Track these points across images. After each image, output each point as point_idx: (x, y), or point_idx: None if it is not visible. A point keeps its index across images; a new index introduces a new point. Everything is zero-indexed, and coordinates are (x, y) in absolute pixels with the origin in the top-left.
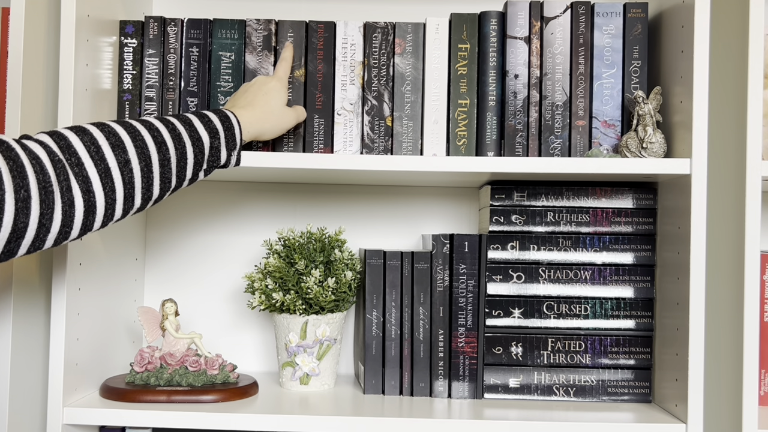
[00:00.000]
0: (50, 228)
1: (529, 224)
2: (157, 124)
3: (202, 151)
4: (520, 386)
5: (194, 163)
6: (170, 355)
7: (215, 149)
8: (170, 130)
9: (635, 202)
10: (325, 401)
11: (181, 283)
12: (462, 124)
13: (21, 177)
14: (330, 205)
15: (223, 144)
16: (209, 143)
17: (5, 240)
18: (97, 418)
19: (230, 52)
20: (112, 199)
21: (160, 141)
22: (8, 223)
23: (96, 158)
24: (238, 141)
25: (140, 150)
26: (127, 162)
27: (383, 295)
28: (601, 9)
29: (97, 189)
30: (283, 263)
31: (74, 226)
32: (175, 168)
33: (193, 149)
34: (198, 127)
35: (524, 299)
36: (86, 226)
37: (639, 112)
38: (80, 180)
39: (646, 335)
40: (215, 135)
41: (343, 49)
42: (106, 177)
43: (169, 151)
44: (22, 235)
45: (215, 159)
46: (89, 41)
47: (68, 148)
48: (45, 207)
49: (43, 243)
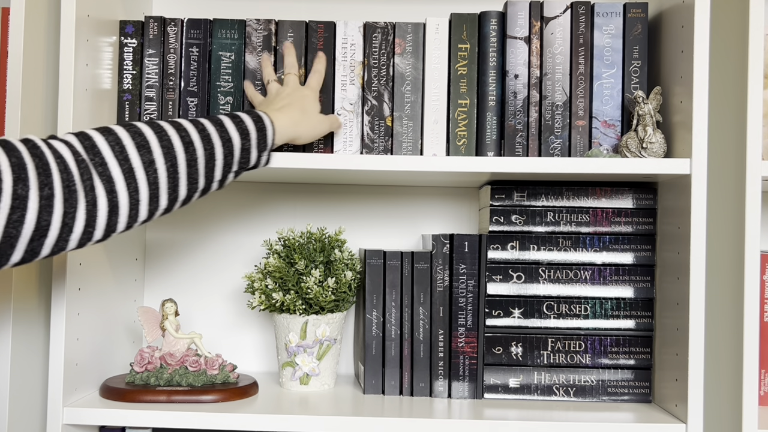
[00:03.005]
0: (73, 227)
1: (529, 224)
2: (186, 125)
3: (232, 152)
4: (520, 386)
5: (224, 165)
6: (170, 355)
7: (245, 150)
8: (199, 131)
9: (635, 202)
10: (325, 401)
11: (181, 283)
12: (462, 124)
13: (45, 174)
14: (330, 205)
15: (254, 145)
16: (240, 144)
17: (28, 238)
18: (97, 418)
19: (230, 52)
20: (135, 199)
21: (188, 141)
22: (31, 221)
23: (120, 158)
24: (269, 143)
25: (166, 150)
26: (151, 162)
27: (383, 295)
28: (601, 9)
29: (121, 189)
30: (283, 263)
31: (97, 226)
32: (203, 169)
33: (223, 150)
34: (228, 128)
35: (524, 299)
36: (110, 227)
37: (639, 112)
38: (104, 179)
39: (646, 335)
40: (246, 136)
41: (343, 49)
42: (129, 177)
43: (197, 152)
44: (44, 233)
45: (245, 160)
46: (89, 41)
47: (92, 148)
48: (68, 206)
49: (66, 243)
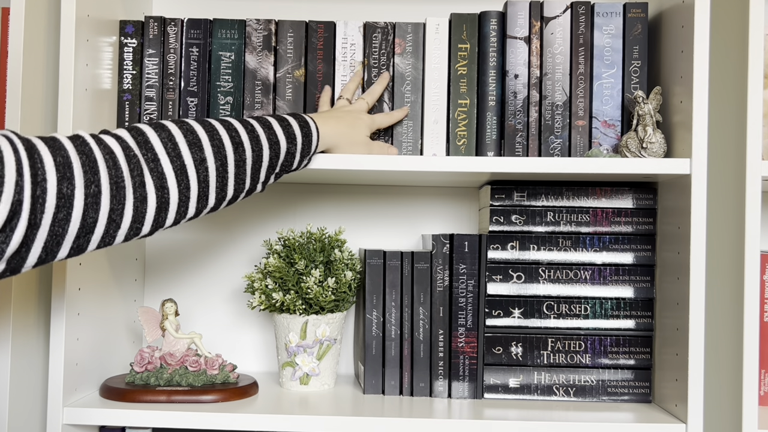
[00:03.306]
0: (120, 223)
1: (529, 224)
2: (236, 125)
3: (278, 155)
4: (520, 386)
5: (268, 167)
6: (170, 355)
7: (291, 154)
8: (248, 132)
9: (635, 202)
10: (325, 401)
11: (181, 283)
12: (462, 124)
13: (93, 172)
14: (330, 205)
15: (299, 150)
16: (286, 148)
17: (75, 235)
18: (97, 418)
19: (230, 52)
20: (186, 196)
21: (238, 142)
22: (77, 219)
23: (172, 155)
24: (313, 148)
25: (217, 149)
26: (203, 160)
27: (383, 295)
28: (601, 9)
29: (172, 186)
30: (283, 263)
31: (145, 221)
32: (250, 170)
33: (270, 153)
34: (277, 131)
35: (524, 299)
36: (158, 223)
37: (639, 112)
38: (155, 176)
39: (646, 335)
40: (293, 140)
41: (343, 49)
42: (181, 174)
43: (246, 153)
44: (91, 230)
45: (289, 164)
46: (89, 41)
47: (145, 144)
48: (116, 202)
49: (113, 239)
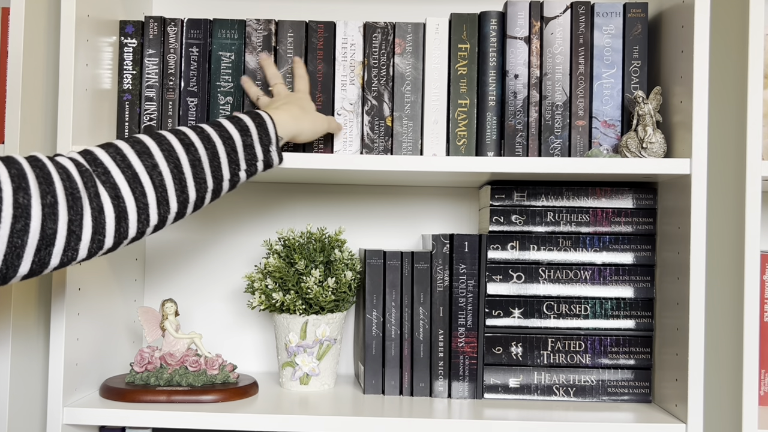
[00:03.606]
0: (81, 235)
1: (529, 224)
2: (184, 129)
3: (235, 149)
4: (520, 386)
5: (228, 162)
6: (170, 355)
7: (249, 146)
8: (198, 133)
9: (635, 202)
10: (325, 401)
11: (181, 283)
12: (462, 124)
13: (47, 183)
14: (330, 205)
15: (257, 140)
16: (241, 141)
17: (35, 247)
18: (97, 418)
19: (230, 52)
20: (143, 203)
21: (188, 143)
22: (36, 229)
23: (122, 165)
24: (272, 137)
25: (167, 153)
26: (155, 166)
27: (383, 295)
28: (601, 9)
29: (126, 194)
30: (283, 263)
31: (107, 233)
32: (209, 168)
33: (225, 148)
34: (227, 127)
35: (524, 299)
36: (120, 234)
37: (639, 112)
38: (108, 186)
39: (646, 335)
40: (246, 132)
41: (343, 49)
42: (134, 182)
43: (199, 152)
44: (51, 242)
45: (251, 156)
46: (89, 41)
47: (94, 161)
48: (73, 213)
49: (76, 252)
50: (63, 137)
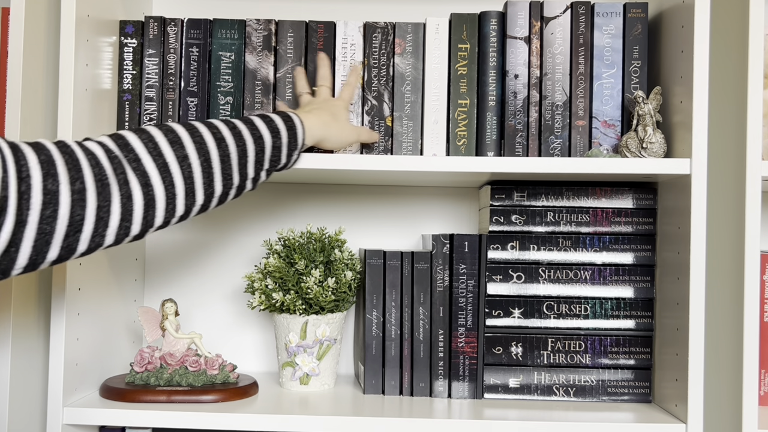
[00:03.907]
0: (109, 222)
1: (529, 224)
2: (217, 123)
3: (263, 149)
4: (520, 386)
5: (255, 161)
6: (170, 355)
7: (277, 149)
8: (230, 128)
9: (635, 202)
10: (325, 401)
11: (181, 283)
12: (462, 124)
13: (76, 169)
14: (330, 205)
15: (285, 144)
16: (271, 142)
17: (63, 234)
18: (97, 418)
19: (230, 52)
20: (172, 193)
21: (219, 138)
22: (64, 216)
23: (154, 153)
24: (299, 142)
25: (199, 146)
26: (185, 157)
27: (383, 295)
28: (601, 9)
29: (156, 183)
30: (283, 263)
31: (134, 220)
32: (236, 164)
33: (255, 147)
34: (259, 126)
35: (524, 299)
36: (147, 221)
37: (639, 112)
38: (138, 174)
39: (646, 335)
40: (277, 134)
41: (343, 49)
42: (164, 171)
43: (229, 147)
44: (79, 228)
45: (276, 159)
46: (89, 41)
47: (125, 146)
48: (102, 199)
49: (103, 239)
50: (63, 137)
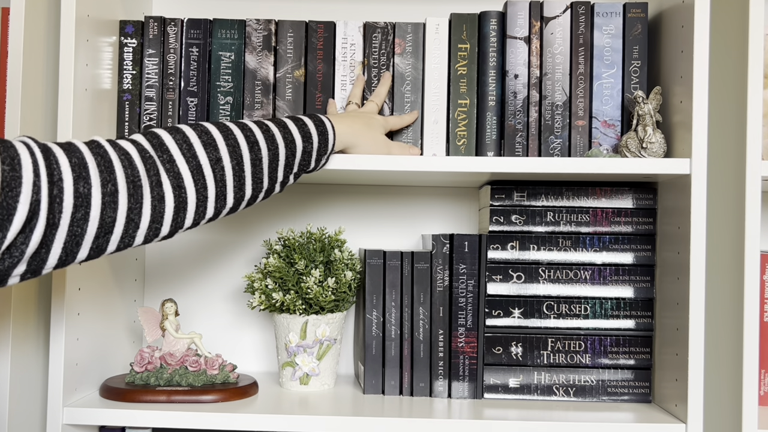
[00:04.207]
0: (139, 223)
1: (529, 224)
2: (251, 125)
3: (294, 153)
4: (520, 386)
5: (285, 165)
6: (170, 355)
7: (307, 153)
8: (264, 131)
9: (635, 202)
10: (325, 401)
11: (181, 283)
12: (462, 124)
13: (108, 171)
14: (330, 205)
15: (315, 149)
16: (302, 147)
17: (94, 235)
18: (97, 418)
19: (230, 52)
20: (203, 196)
21: (253, 141)
22: (95, 218)
23: (188, 155)
24: (329, 147)
25: (232, 149)
26: (218, 160)
27: (383, 295)
28: (601, 9)
29: (189, 185)
30: (283, 263)
31: (164, 222)
32: (267, 169)
33: (286, 151)
34: (292, 130)
35: (524, 299)
36: (177, 223)
37: (639, 112)
38: (171, 175)
39: (646, 335)
40: (309, 139)
41: (343, 49)
42: (197, 174)
43: (261, 151)
44: (110, 230)
45: (306, 163)
46: (89, 41)
47: (161, 146)
48: (133, 201)
49: (132, 239)
50: (63, 137)
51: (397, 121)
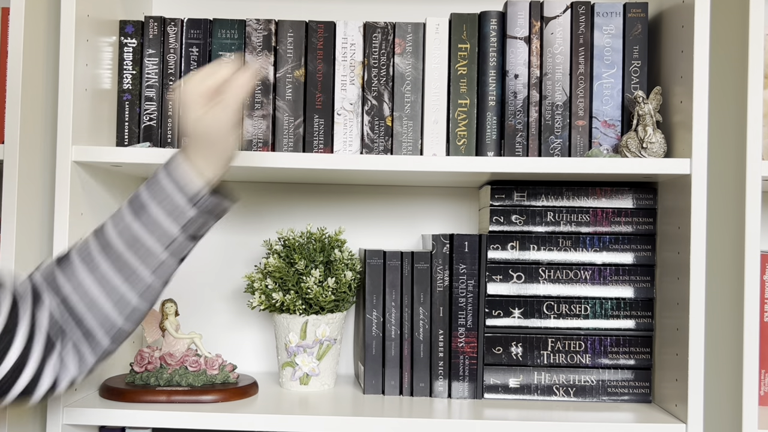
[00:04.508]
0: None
1: (529, 224)
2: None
3: (177, 245)
4: (520, 386)
5: (170, 255)
6: (170, 355)
7: (192, 222)
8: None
9: (635, 202)
10: (325, 401)
11: (181, 283)
12: (462, 124)
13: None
14: (330, 205)
15: (196, 215)
16: (179, 232)
17: None
18: (97, 418)
19: (230, 52)
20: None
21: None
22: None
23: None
24: (202, 193)
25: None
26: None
27: (383, 295)
28: (601, 9)
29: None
30: (283, 263)
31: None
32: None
33: (174, 262)
34: (169, 248)
35: (524, 299)
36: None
37: (639, 112)
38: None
39: (646, 335)
40: (181, 222)
41: (343, 49)
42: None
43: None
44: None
45: (204, 222)
46: (89, 41)
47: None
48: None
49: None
50: (63, 137)
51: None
